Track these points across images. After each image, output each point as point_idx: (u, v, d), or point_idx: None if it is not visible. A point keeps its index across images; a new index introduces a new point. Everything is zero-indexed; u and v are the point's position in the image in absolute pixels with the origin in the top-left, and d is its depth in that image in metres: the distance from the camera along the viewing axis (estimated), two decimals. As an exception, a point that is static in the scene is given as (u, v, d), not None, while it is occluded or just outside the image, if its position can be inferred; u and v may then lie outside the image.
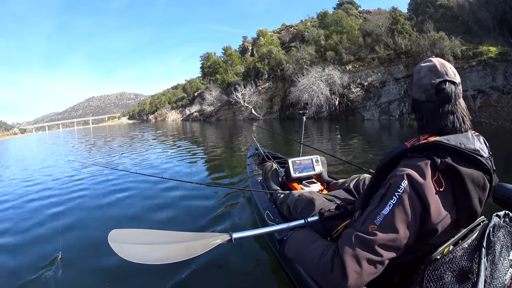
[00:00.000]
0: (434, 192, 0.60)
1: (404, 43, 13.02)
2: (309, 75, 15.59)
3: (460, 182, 0.60)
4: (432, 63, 0.69)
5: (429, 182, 0.60)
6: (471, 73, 10.70)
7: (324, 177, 1.68)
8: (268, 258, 1.50)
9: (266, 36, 25.82)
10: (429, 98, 0.68)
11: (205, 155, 5.68)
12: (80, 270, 1.58)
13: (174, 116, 33.67)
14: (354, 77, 14.79)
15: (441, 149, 0.63)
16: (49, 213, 2.65)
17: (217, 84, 25.90)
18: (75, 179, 4.07)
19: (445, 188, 0.60)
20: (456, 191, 0.61)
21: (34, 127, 70.39)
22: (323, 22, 19.27)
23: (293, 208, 1.19)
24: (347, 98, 14.54)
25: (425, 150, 0.64)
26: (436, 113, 0.67)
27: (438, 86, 0.66)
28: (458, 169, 0.59)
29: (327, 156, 2.11)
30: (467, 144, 0.64)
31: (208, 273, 1.45)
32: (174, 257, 0.77)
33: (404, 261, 0.72)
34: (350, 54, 15.52)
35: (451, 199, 0.62)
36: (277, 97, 19.79)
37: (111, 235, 0.86)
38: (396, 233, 0.58)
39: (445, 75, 0.67)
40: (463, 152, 0.62)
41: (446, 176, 0.61)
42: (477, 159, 0.62)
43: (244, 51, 31.64)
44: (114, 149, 8.36)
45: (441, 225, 0.63)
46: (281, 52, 20.67)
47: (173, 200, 2.70)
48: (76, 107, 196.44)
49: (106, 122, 60.85)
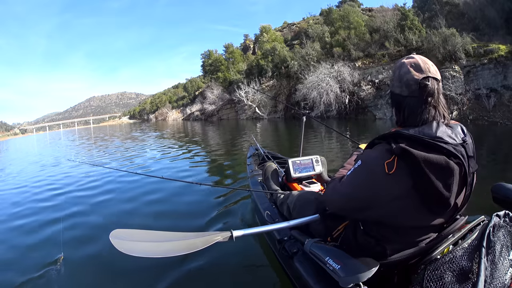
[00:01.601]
0: (383, 171, 0.67)
1: (415, 39, 12.80)
2: (318, 71, 15.11)
3: (415, 165, 0.64)
4: (415, 59, 0.72)
5: (378, 161, 0.69)
6: (483, 71, 10.48)
7: (324, 177, 1.70)
8: (268, 258, 1.52)
9: (270, 33, 25.49)
10: (412, 93, 0.71)
11: (206, 155, 5.72)
12: (83, 270, 1.62)
13: (175, 116, 33.88)
14: (364, 74, 14.24)
15: (401, 137, 0.68)
16: (50, 213, 2.71)
17: (218, 82, 25.80)
18: (75, 179, 4.14)
19: (396, 171, 0.66)
20: (413, 174, 0.65)
21: (35, 127, 71.75)
22: (328, 19, 19.02)
23: (293, 208, 1.21)
24: (357, 96, 13.97)
25: (388, 138, 0.71)
26: (417, 108, 0.70)
27: (421, 82, 0.69)
28: (411, 152, 0.64)
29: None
30: (427, 132, 0.68)
31: (208, 273, 1.48)
32: (173, 251, 0.80)
33: (404, 260, 0.74)
34: (359, 50, 15.14)
35: (408, 183, 0.66)
36: (282, 95, 19.41)
37: (112, 234, 0.88)
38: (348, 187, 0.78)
39: (427, 71, 0.70)
40: (421, 140, 0.66)
41: (402, 160, 0.66)
42: (436, 145, 0.65)
43: (246, 49, 31.62)
44: (114, 149, 8.51)
45: (399, 205, 0.69)
46: (285, 49, 20.40)
47: (173, 200, 2.74)
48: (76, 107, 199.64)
49: (107, 122, 61.67)
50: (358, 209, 0.77)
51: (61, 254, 1.77)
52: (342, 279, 0.75)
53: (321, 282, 0.86)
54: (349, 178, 0.77)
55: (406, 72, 0.71)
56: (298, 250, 1.02)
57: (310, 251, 0.91)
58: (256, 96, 20.45)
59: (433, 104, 0.69)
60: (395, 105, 0.76)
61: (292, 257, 1.01)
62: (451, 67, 10.82)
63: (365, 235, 0.79)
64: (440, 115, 0.70)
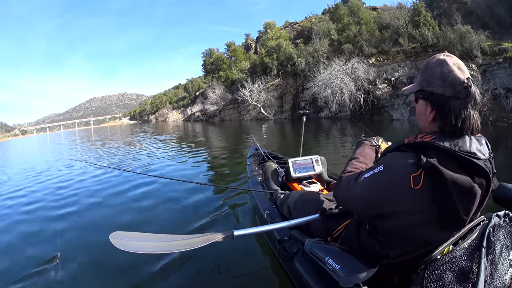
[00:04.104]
0: (408, 185, 0.65)
1: (431, 36, 12.44)
2: (330, 68, 14.36)
3: (441, 184, 0.63)
4: (455, 58, 0.69)
5: (403, 174, 0.66)
6: (499, 70, 10.24)
7: (324, 177, 1.74)
8: (268, 258, 1.55)
9: (274, 29, 25.18)
10: (456, 94, 0.67)
11: (206, 155, 5.77)
12: (78, 270, 1.65)
13: (175, 116, 34.05)
14: (379, 71, 13.77)
15: (433, 150, 0.66)
16: (48, 213, 2.77)
17: (220, 82, 25.54)
18: (74, 179, 4.22)
19: (422, 187, 0.64)
20: (437, 191, 0.64)
21: (35, 128, 73.46)
22: (335, 15, 18.67)
23: (293, 208, 1.23)
24: (373, 95, 13.30)
25: (417, 148, 0.69)
26: (463, 110, 0.67)
27: (467, 83, 0.66)
28: (441, 171, 0.62)
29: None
30: (462, 146, 0.66)
31: (208, 273, 1.50)
32: (173, 248, 0.82)
33: (405, 261, 0.76)
34: (371, 46, 14.45)
35: (430, 198, 0.65)
36: (288, 94, 18.85)
37: (112, 235, 0.91)
38: (364, 190, 0.75)
39: (467, 73, 0.68)
40: (456, 154, 0.64)
41: (429, 176, 0.64)
42: (470, 161, 0.64)
43: (247, 49, 31.34)
44: (114, 149, 8.63)
45: (416, 219, 0.68)
46: (291, 46, 19.94)
47: (173, 200, 2.78)
48: (77, 108, 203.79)
49: (108, 123, 62.75)
50: (371, 215, 0.77)
51: (58, 253, 1.81)
52: (342, 279, 0.76)
53: (321, 282, 0.88)
54: (368, 182, 0.73)
55: (450, 70, 0.67)
56: (298, 250, 1.04)
57: (310, 251, 0.93)
58: (261, 95, 19.88)
59: (474, 109, 0.67)
60: (437, 106, 0.69)
61: (292, 257, 1.03)
62: (468, 65, 10.51)
63: (370, 236, 0.80)
64: (477, 121, 0.67)
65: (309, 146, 5.71)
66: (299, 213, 1.17)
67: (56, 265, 1.69)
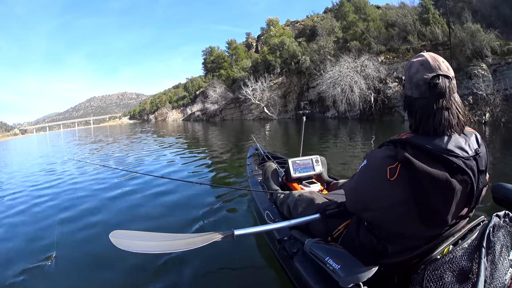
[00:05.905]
0: (384, 176, 0.69)
1: (441, 34, 12.32)
2: (339, 65, 13.91)
3: (415, 176, 0.66)
4: (424, 57, 0.72)
5: (381, 165, 0.72)
6: (509, 71, 10.11)
7: (324, 177, 1.76)
8: (268, 258, 1.56)
9: (277, 26, 24.91)
10: (422, 94, 0.70)
11: (206, 155, 5.80)
12: (74, 269, 1.67)
13: (175, 116, 34.11)
14: (389, 69, 13.50)
15: (410, 145, 0.69)
16: (45, 211, 2.80)
17: (221, 80, 25.36)
18: (74, 178, 4.27)
19: (397, 178, 0.68)
20: (413, 185, 0.67)
21: (35, 127, 74.31)
22: (340, 12, 18.52)
23: (293, 208, 1.25)
24: (383, 94, 12.93)
25: (396, 143, 0.73)
26: (430, 110, 0.69)
27: (431, 81, 0.68)
28: (413, 162, 0.65)
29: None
30: (438, 143, 0.68)
31: (208, 273, 1.52)
32: (173, 248, 0.84)
33: (404, 260, 0.77)
34: (380, 43, 14.23)
35: (408, 192, 0.68)
36: (292, 93, 18.55)
37: (112, 234, 0.93)
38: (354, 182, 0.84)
39: (438, 69, 0.69)
40: (429, 151, 0.67)
41: (405, 168, 0.67)
42: (445, 158, 0.66)
43: (248, 47, 31.20)
44: (114, 149, 8.73)
45: (397, 212, 0.71)
46: (294, 44, 19.76)
47: (173, 199, 2.80)
48: (77, 107, 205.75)
49: (107, 122, 63.26)
50: (358, 208, 0.82)
51: (54, 252, 1.83)
52: (342, 279, 0.78)
53: (321, 282, 0.89)
54: (357, 175, 0.82)
55: (415, 72, 0.71)
56: (298, 250, 1.05)
57: (310, 251, 0.94)
58: (264, 94, 19.56)
59: (445, 106, 0.68)
60: (407, 108, 0.74)
61: (292, 257, 1.04)
62: (479, 65, 10.42)
63: (368, 232, 0.82)
64: (454, 117, 0.68)
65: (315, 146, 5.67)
66: (299, 213, 1.19)
67: (51, 264, 1.71)
